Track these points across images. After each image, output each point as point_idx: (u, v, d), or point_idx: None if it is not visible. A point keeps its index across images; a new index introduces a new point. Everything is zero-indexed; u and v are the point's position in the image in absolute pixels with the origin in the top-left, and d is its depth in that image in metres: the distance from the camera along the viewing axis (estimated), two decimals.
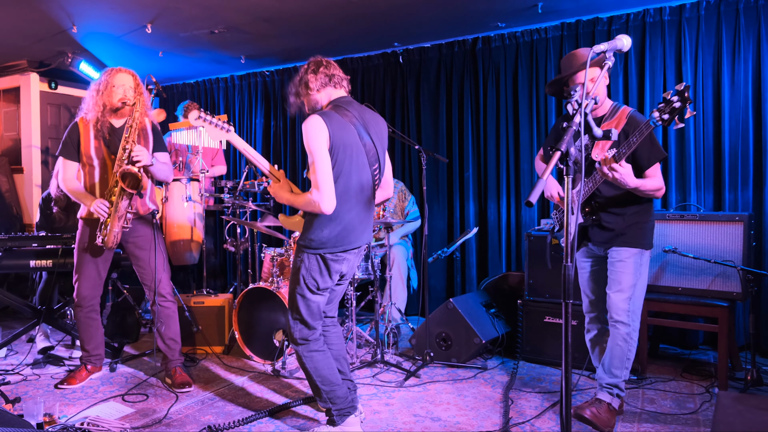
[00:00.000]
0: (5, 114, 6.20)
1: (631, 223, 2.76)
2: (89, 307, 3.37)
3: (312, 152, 2.44)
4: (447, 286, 5.28)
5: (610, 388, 2.78)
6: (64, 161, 3.29)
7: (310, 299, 2.60)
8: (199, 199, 4.52)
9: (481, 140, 5.08)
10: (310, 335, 2.64)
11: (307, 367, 2.64)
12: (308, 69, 2.63)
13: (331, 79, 2.62)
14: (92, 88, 3.29)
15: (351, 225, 2.56)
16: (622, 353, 2.75)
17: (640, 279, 2.78)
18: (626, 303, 2.74)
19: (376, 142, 2.63)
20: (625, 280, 2.75)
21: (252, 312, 3.86)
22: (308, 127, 2.45)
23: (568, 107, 2.06)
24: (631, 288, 2.75)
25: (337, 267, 2.60)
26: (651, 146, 2.68)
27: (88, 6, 4.27)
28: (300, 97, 2.67)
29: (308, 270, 2.56)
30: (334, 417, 2.67)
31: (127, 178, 3.08)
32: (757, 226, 3.91)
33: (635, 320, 2.77)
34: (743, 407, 2.17)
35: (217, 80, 6.50)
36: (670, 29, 4.26)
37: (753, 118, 4.04)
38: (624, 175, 2.54)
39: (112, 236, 3.15)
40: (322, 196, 2.41)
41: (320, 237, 2.53)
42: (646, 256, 2.80)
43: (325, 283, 2.60)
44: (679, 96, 2.39)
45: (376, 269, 3.93)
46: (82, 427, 2.73)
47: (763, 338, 3.96)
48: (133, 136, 3.15)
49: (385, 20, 4.63)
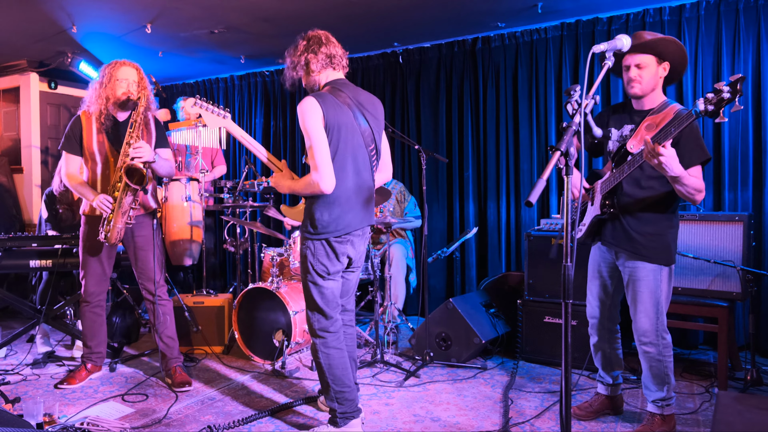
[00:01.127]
0: (5, 114, 6.20)
1: (650, 232, 2.57)
2: (95, 302, 3.38)
3: (308, 132, 2.44)
4: (447, 286, 5.28)
5: (658, 403, 2.67)
6: (67, 155, 3.26)
7: (322, 286, 2.60)
8: (198, 199, 4.52)
9: (481, 140, 5.08)
10: (329, 326, 2.61)
11: (321, 362, 2.61)
12: (309, 47, 2.59)
13: (331, 60, 2.60)
14: (95, 81, 3.26)
15: (349, 205, 2.55)
16: (660, 371, 2.62)
17: (663, 294, 2.59)
18: (653, 324, 2.58)
19: (371, 123, 2.63)
20: (648, 298, 2.58)
21: (252, 312, 3.86)
22: (303, 108, 2.45)
23: (567, 107, 2.06)
24: (655, 307, 2.58)
25: (342, 249, 2.59)
26: (694, 144, 2.46)
27: (88, 6, 4.27)
28: (297, 73, 2.65)
29: (315, 256, 2.56)
30: (338, 419, 2.63)
31: (132, 173, 3.06)
32: (756, 226, 3.91)
33: (666, 335, 2.61)
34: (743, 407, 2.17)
35: (217, 80, 6.50)
36: (670, 29, 4.26)
37: (753, 118, 4.04)
38: (669, 158, 2.28)
39: (115, 232, 3.14)
40: (321, 175, 2.41)
41: (321, 221, 2.53)
42: (666, 272, 2.59)
43: (334, 266, 2.60)
44: (731, 87, 2.13)
45: (376, 269, 3.93)
46: (82, 427, 2.73)
47: (763, 338, 3.97)
48: (137, 132, 3.14)
49: (385, 20, 4.64)
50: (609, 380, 2.91)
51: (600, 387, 2.95)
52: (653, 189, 2.58)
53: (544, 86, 4.77)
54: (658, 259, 2.58)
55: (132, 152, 3.06)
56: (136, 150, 3.06)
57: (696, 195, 2.44)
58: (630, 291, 2.66)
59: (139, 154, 3.06)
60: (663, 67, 2.58)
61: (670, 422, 2.68)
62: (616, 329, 2.90)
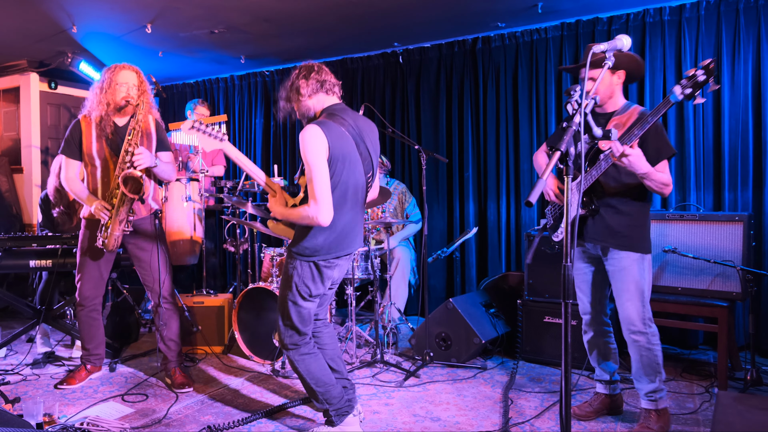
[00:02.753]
0: (5, 114, 6.20)
1: (630, 224, 2.67)
2: (91, 306, 3.36)
3: (310, 164, 2.40)
4: (447, 286, 5.27)
5: (651, 396, 2.72)
6: (66, 160, 3.25)
7: (302, 306, 2.59)
8: (198, 199, 4.52)
9: (481, 140, 5.08)
10: (300, 341, 2.63)
11: (299, 370, 2.64)
12: (299, 74, 2.58)
13: (322, 85, 2.56)
14: (95, 86, 3.24)
15: (344, 232, 2.56)
16: (650, 360, 2.68)
17: (646, 283, 2.69)
18: (640, 312, 2.66)
19: (370, 150, 2.61)
20: (633, 288, 2.66)
21: (252, 312, 3.86)
22: (307, 137, 2.40)
23: (567, 107, 2.06)
24: (640, 296, 2.66)
25: (329, 273, 2.59)
26: (659, 141, 2.58)
27: (88, 6, 4.27)
28: (290, 102, 2.62)
29: (301, 277, 2.55)
30: (333, 417, 2.67)
31: (129, 182, 3.04)
32: (756, 226, 3.91)
33: (652, 324, 2.69)
34: (743, 407, 2.17)
35: (217, 80, 6.50)
36: (670, 29, 4.26)
37: (753, 118, 4.03)
38: (636, 157, 2.43)
39: (112, 240, 3.13)
40: (320, 210, 2.39)
41: (315, 245, 2.52)
42: (647, 261, 2.71)
43: (317, 290, 2.59)
44: (704, 69, 2.33)
45: (376, 269, 3.93)
46: (82, 427, 2.73)
47: (763, 338, 3.96)
48: (136, 139, 3.11)
49: (385, 20, 4.63)
50: (606, 377, 2.92)
51: (599, 386, 2.96)
52: (629, 183, 2.67)
53: (544, 86, 4.77)
54: (640, 247, 2.69)
55: (134, 160, 3.05)
56: (137, 157, 3.05)
57: (664, 189, 2.56)
58: (616, 282, 2.74)
59: (139, 161, 3.05)
60: (618, 75, 2.71)
61: (665, 416, 2.71)
62: (608, 322, 2.94)
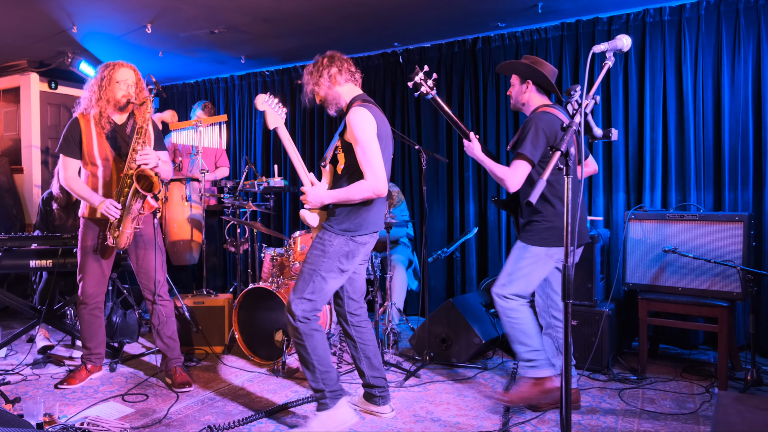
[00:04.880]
0: (5, 114, 6.20)
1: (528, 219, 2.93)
2: (93, 304, 3.36)
3: (362, 140, 2.59)
4: (447, 286, 5.28)
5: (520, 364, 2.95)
6: (65, 159, 3.21)
7: (328, 280, 2.68)
8: (198, 199, 4.52)
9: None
10: (311, 314, 2.69)
11: (306, 345, 2.67)
12: (332, 63, 2.75)
13: (353, 75, 2.80)
14: (92, 83, 3.21)
15: (376, 209, 2.75)
16: (509, 327, 2.96)
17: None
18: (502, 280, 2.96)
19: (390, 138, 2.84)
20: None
21: (252, 312, 3.86)
22: (359, 117, 2.61)
23: (567, 107, 2.06)
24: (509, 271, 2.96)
25: (363, 249, 2.75)
26: (520, 139, 2.83)
27: (88, 6, 4.27)
28: (319, 87, 2.77)
29: (336, 251, 2.67)
30: (327, 399, 2.71)
31: (142, 179, 3.06)
32: (757, 226, 3.91)
33: (512, 300, 2.97)
34: (743, 407, 2.17)
35: (217, 80, 6.50)
36: (670, 29, 4.26)
37: (753, 118, 4.03)
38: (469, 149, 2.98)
39: (124, 237, 3.14)
40: (378, 179, 2.59)
41: (359, 220, 2.69)
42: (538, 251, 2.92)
43: (349, 264, 2.72)
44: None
45: (376, 269, 3.93)
46: (82, 427, 2.73)
47: (763, 338, 3.96)
48: (143, 138, 3.12)
49: (385, 20, 4.64)
50: None
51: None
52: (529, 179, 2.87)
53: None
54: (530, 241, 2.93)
55: (139, 159, 3.07)
56: (143, 157, 3.07)
57: (502, 182, 2.85)
58: (554, 273, 3.05)
59: (146, 160, 3.07)
60: (527, 84, 2.95)
61: (540, 385, 2.85)
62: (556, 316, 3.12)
